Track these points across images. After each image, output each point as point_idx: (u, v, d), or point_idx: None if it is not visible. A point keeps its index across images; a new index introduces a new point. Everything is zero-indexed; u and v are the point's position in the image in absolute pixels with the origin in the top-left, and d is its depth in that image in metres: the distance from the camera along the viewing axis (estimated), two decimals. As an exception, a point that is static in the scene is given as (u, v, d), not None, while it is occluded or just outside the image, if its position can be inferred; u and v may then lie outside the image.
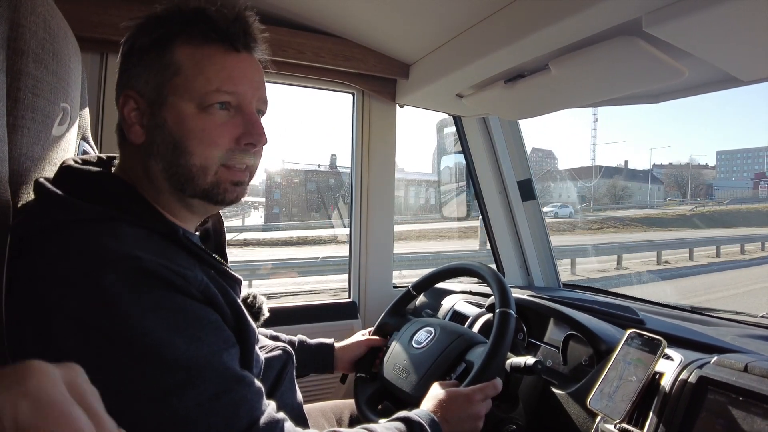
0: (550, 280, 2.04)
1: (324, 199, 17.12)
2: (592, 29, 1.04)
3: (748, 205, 47.73)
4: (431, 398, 0.95)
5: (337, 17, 1.46)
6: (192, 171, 0.72)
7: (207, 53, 0.72)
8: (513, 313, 1.06)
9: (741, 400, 0.76)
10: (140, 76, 0.72)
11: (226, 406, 0.61)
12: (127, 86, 0.73)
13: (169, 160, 0.72)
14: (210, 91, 0.71)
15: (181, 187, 0.73)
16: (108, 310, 0.56)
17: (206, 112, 0.71)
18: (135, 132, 0.73)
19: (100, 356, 0.56)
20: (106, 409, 0.56)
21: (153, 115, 0.72)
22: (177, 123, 0.71)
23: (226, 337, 0.67)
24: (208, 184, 0.73)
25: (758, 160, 79.13)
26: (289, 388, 0.94)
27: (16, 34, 0.63)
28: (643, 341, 0.92)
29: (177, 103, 0.71)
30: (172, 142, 0.71)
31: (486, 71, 1.36)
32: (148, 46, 0.72)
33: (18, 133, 0.64)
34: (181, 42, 0.71)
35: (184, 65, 0.71)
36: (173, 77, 0.71)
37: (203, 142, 0.71)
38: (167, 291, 0.61)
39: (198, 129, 0.71)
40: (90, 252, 0.60)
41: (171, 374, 0.58)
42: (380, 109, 1.84)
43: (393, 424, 0.83)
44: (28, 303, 0.59)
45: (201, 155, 0.72)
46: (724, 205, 48.73)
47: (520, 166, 1.99)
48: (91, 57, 1.36)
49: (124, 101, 0.73)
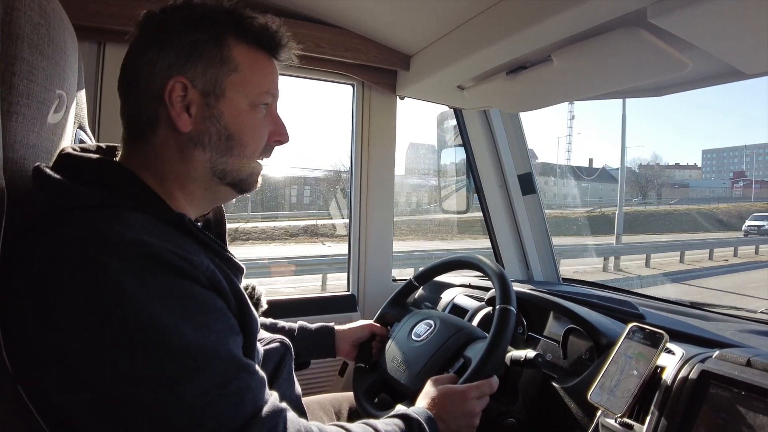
0: (549, 274, 2.04)
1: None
2: (596, 20, 1.03)
3: (700, 205, 44.15)
4: (426, 395, 0.95)
5: (337, 7, 1.45)
6: (242, 162, 0.78)
7: (259, 57, 0.78)
8: (513, 309, 1.05)
9: (743, 394, 0.76)
10: (196, 66, 0.73)
11: (231, 394, 0.60)
12: (178, 72, 0.72)
13: (221, 150, 0.76)
14: (262, 92, 0.78)
15: (222, 176, 0.78)
16: (114, 297, 0.55)
17: (255, 110, 0.78)
18: (183, 121, 0.73)
19: (106, 343, 0.55)
20: (112, 397, 0.56)
21: (207, 106, 0.74)
22: (234, 117, 0.75)
23: (232, 325, 0.66)
24: (246, 174, 0.80)
25: (745, 159, 77.37)
26: (287, 380, 0.93)
27: (10, 17, 0.62)
28: (644, 335, 0.91)
29: (234, 98, 0.75)
30: (227, 134, 0.75)
31: (487, 63, 1.35)
32: (207, 40, 0.73)
33: (12, 119, 0.63)
34: (234, 41, 0.75)
35: (242, 64, 0.75)
36: (232, 73, 0.74)
37: (255, 136, 0.79)
38: (174, 277, 0.60)
39: (251, 124, 0.77)
40: (95, 237, 0.59)
41: (177, 361, 0.57)
42: (380, 101, 1.83)
43: (392, 420, 0.83)
44: (30, 291, 0.58)
45: (252, 148, 0.79)
46: (670, 205, 45.79)
47: (520, 159, 1.98)
48: (89, 46, 1.35)
49: (173, 87, 0.72)
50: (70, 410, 0.59)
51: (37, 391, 0.59)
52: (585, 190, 54.62)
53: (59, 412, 0.59)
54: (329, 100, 46.03)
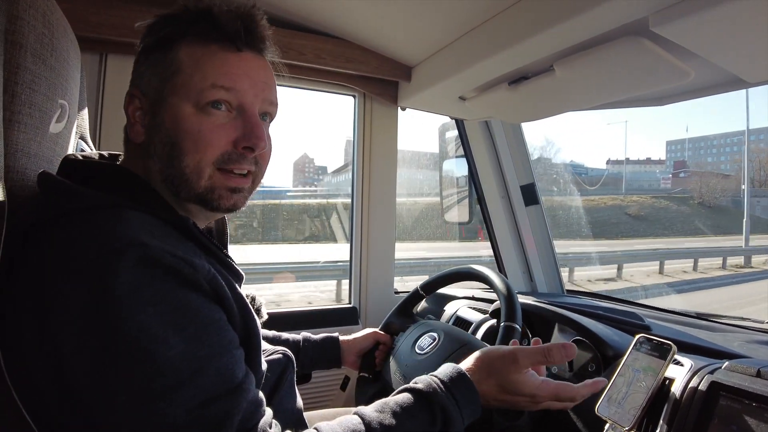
0: (553, 286, 2.02)
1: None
2: (598, 29, 1.03)
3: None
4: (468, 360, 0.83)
5: (338, 18, 1.45)
6: (185, 173, 0.70)
7: (208, 51, 0.70)
8: (518, 327, 1.03)
9: (754, 406, 0.74)
10: (144, 76, 0.72)
11: (215, 414, 0.57)
12: (132, 85, 0.73)
13: (165, 161, 0.70)
14: (205, 87, 0.69)
15: (176, 190, 0.71)
16: (105, 303, 0.54)
17: (204, 112, 0.69)
18: (136, 131, 0.72)
19: (93, 350, 0.54)
20: (97, 406, 0.55)
21: (153, 115, 0.71)
22: (174, 123, 0.69)
23: (230, 339, 0.63)
24: (201, 188, 0.71)
25: (711, 150, 73.94)
26: (288, 393, 0.91)
27: (14, 26, 0.62)
28: (652, 346, 0.90)
29: (175, 103, 0.69)
30: (169, 143, 0.70)
31: (489, 73, 1.35)
32: (154, 45, 0.72)
33: (14, 128, 0.63)
34: (186, 42, 0.71)
35: (184, 64, 0.70)
36: (173, 77, 0.70)
37: (197, 143, 0.69)
38: (172, 282, 0.58)
39: (194, 129, 0.69)
40: (94, 240, 0.58)
41: (162, 375, 0.55)
42: (382, 112, 1.83)
43: (400, 400, 0.73)
44: (30, 294, 0.57)
45: (194, 157, 0.69)
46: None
47: (523, 170, 1.97)
48: (91, 57, 1.35)
49: (129, 100, 0.72)
50: (61, 417, 0.57)
51: (32, 398, 0.58)
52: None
53: (51, 419, 0.58)
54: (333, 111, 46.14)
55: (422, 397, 0.72)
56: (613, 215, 36.68)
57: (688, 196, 47.33)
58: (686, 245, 21.47)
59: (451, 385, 0.74)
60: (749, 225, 22.80)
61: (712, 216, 43.78)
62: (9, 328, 0.58)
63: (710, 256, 16.79)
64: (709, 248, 20.35)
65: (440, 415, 0.71)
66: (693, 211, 42.73)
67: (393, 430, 0.67)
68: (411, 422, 0.69)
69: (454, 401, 0.72)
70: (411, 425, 0.69)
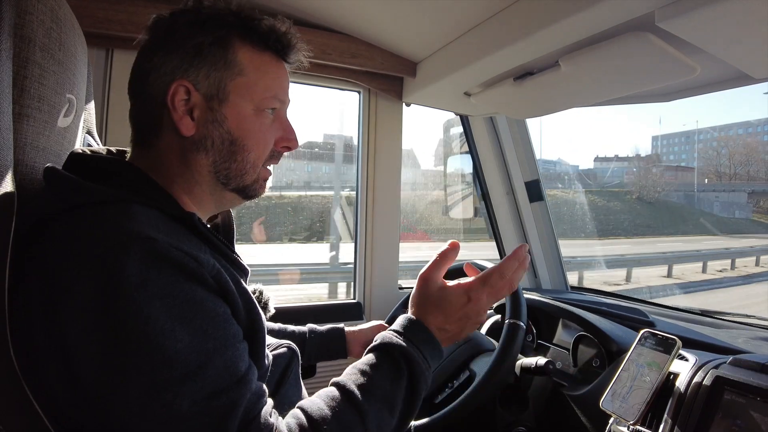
0: (557, 282, 2.02)
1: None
2: (604, 25, 1.02)
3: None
4: (414, 299, 0.83)
5: (344, 14, 1.45)
6: (245, 168, 0.76)
7: (266, 60, 0.76)
8: (523, 324, 1.03)
9: (759, 400, 0.74)
10: (200, 69, 0.72)
11: (220, 406, 0.58)
12: (181, 76, 0.72)
13: (224, 155, 0.75)
14: (269, 96, 0.76)
15: (225, 181, 0.76)
16: (113, 295, 0.55)
17: (260, 114, 0.76)
18: (186, 124, 0.72)
19: (101, 341, 0.55)
20: (105, 399, 0.55)
21: (211, 110, 0.73)
22: (237, 121, 0.74)
23: (235, 332, 0.64)
24: (251, 180, 0.78)
25: (685, 147, 71.17)
26: (293, 386, 0.92)
27: (23, 21, 0.62)
28: (656, 341, 0.90)
29: (238, 102, 0.74)
30: (230, 139, 0.74)
31: (494, 69, 1.35)
32: (211, 43, 0.72)
33: (24, 122, 0.64)
34: (240, 43, 0.74)
35: (247, 67, 0.74)
36: (236, 77, 0.73)
37: (259, 142, 0.76)
38: (178, 276, 0.59)
39: (255, 129, 0.76)
40: (101, 234, 0.59)
41: (169, 367, 0.55)
42: (387, 108, 1.83)
43: (367, 360, 0.75)
44: (38, 290, 0.58)
45: (255, 154, 0.76)
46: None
47: (527, 166, 1.97)
48: (97, 53, 1.36)
49: (175, 90, 0.71)
50: (72, 411, 0.58)
51: (44, 393, 0.59)
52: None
53: (63, 413, 0.59)
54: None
55: (382, 349, 0.76)
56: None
57: (624, 191, 41.73)
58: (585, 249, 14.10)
59: (403, 331, 0.77)
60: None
61: (648, 213, 38.02)
62: (18, 324, 0.58)
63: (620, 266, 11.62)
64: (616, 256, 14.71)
65: (402, 359, 0.74)
66: (625, 207, 36.73)
67: (365, 385, 0.70)
68: (378, 373, 0.72)
69: (410, 343, 0.75)
70: (379, 377, 0.72)
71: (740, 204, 37.87)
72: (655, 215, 38.31)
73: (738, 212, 37.25)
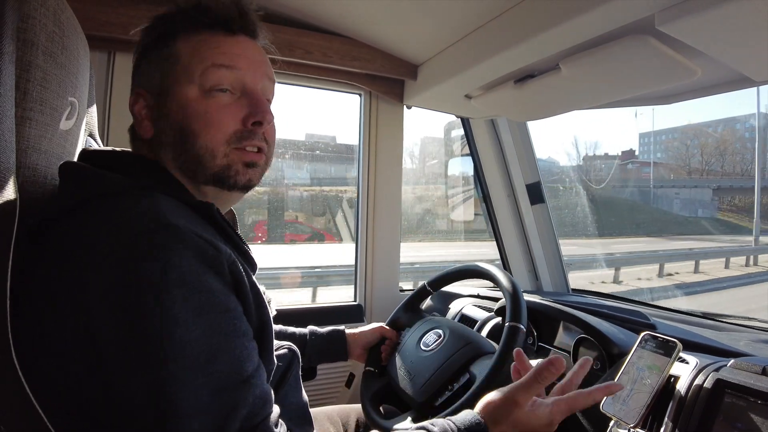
0: (558, 284, 2.02)
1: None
2: (604, 28, 1.03)
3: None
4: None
5: (345, 17, 1.46)
6: (200, 154, 0.72)
7: (203, 38, 0.74)
8: (523, 327, 1.03)
9: (759, 403, 0.74)
10: (146, 73, 0.75)
11: (223, 404, 0.57)
12: (135, 86, 0.76)
13: (177, 147, 0.73)
14: (206, 67, 0.72)
15: (192, 174, 0.74)
16: (135, 279, 0.55)
17: (209, 95, 0.72)
18: (144, 127, 0.75)
19: (119, 329, 0.55)
20: (118, 386, 0.55)
21: (159, 107, 0.74)
22: (181, 108, 0.72)
23: (244, 330, 0.63)
24: (218, 166, 0.73)
25: (672, 144, 68.94)
26: (294, 387, 0.92)
27: (26, 25, 0.63)
28: (657, 343, 0.90)
29: (179, 90, 0.72)
30: (178, 128, 0.72)
31: (495, 71, 1.35)
32: (152, 44, 0.75)
33: (26, 125, 0.64)
34: (181, 35, 0.74)
35: (182, 53, 0.73)
36: (173, 67, 0.73)
37: (208, 124, 0.72)
38: (198, 266, 0.59)
39: (201, 111, 0.72)
40: (125, 222, 0.59)
41: (177, 359, 0.55)
42: (388, 111, 1.84)
43: None
44: (60, 278, 0.59)
45: (206, 137, 0.72)
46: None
47: (528, 168, 1.97)
48: (99, 56, 1.37)
49: (135, 100, 0.75)
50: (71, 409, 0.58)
51: (43, 390, 0.58)
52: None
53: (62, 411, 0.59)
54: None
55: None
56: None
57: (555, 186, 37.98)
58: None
59: (465, 430, 0.73)
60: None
61: (576, 213, 34.30)
62: (25, 320, 0.58)
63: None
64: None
65: None
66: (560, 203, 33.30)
67: None
68: None
69: None
70: None
71: (704, 202, 35.53)
72: (601, 214, 33.41)
73: (701, 211, 34.87)
